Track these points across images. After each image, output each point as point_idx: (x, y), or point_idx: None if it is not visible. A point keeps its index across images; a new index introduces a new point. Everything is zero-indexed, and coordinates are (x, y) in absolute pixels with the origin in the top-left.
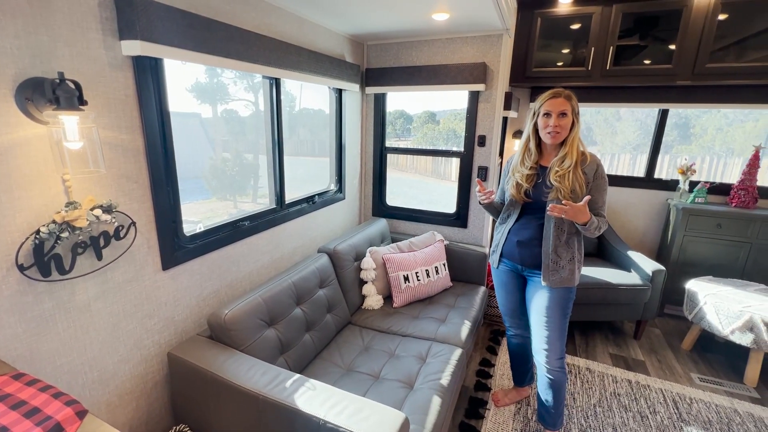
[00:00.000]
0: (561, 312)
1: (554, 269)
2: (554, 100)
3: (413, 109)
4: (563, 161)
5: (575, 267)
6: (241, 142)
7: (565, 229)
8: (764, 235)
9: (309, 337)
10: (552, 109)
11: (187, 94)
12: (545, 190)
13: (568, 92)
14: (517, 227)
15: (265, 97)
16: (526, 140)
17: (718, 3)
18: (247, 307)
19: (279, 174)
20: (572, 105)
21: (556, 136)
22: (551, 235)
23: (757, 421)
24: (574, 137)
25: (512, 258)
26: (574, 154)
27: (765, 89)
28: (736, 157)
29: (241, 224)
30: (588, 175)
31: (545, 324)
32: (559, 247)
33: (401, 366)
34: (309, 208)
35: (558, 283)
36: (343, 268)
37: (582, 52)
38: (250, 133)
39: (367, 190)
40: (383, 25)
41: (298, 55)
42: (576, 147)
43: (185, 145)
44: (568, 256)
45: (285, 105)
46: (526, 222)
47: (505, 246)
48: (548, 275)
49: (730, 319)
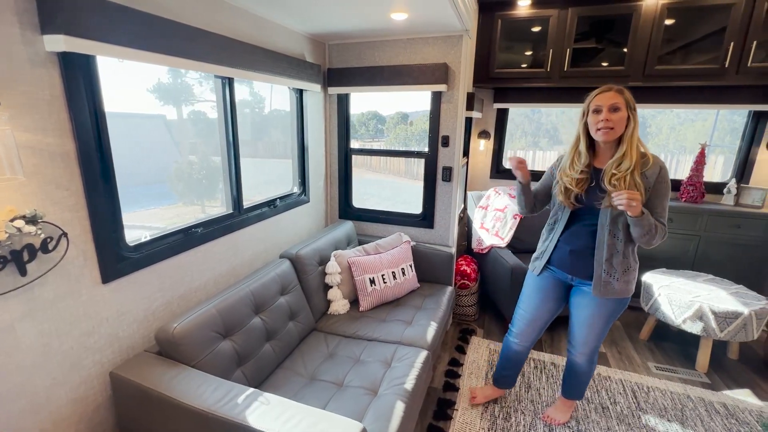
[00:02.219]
0: (606, 322)
1: (606, 281)
2: (604, 94)
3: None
4: (621, 163)
5: (630, 278)
6: (208, 144)
7: (621, 237)
8: (711, 228)
9: (269, 347)
10: (602, 103)
11: (149, 95)
12: (599, 195)
13: (619, 86)
14: (567, 235)
15: (218, 97)
16: (575, 142)
17: (664, 8)
18: (199, 320)
19: (235, 177)
20: (625, 98)
21: (609, 132)
22: (605, 245)
23: (707, 405)
24: (632, 135)
25: (563, 267)
26: (634, 155)
27: (709, 90)
28: (688, 155)
29: (194, 231)
30: (649, 180)
31: (587, 330)
32: (614, 256)
33: (366, 372)
34: (270, 212)
35: (609, 294)
36: (307, 273)
37: (542, 55)
38: (218, 136)
39: (333, 193)
40: (344, 25)
41: (253, 54)
42: (635, 147)
43: (148, 148)
44: (623, 267)
45: (254, 106)
46: (577, 230)
47: (555, 254)
48: (599, 286)
49: (681, 309)
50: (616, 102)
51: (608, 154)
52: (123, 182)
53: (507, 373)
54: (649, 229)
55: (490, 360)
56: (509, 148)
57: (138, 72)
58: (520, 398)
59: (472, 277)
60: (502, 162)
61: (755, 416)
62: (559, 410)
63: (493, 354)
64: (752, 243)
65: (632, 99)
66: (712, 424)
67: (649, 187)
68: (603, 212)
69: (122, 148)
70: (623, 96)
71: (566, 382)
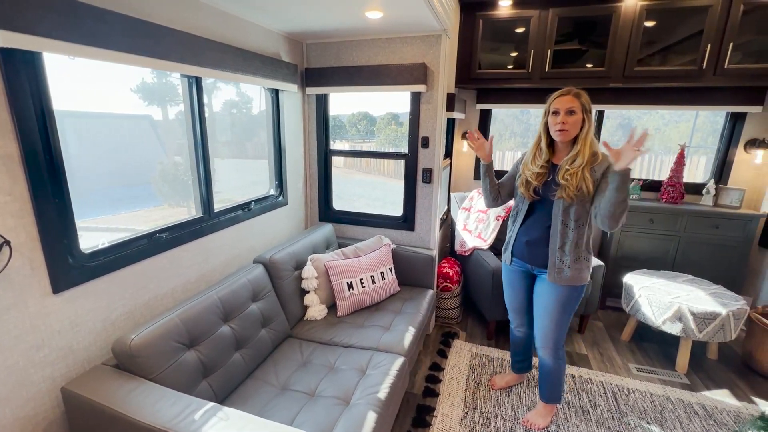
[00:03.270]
0: (562, 308)
1: (560, 267)
2: (563, 97)
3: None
4: (574, 160)
5: (582, 266)
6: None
7: (572, 226)
8: (691, 228)
9: (239, 357)
10: (560, 106)
11: (132, 95)
12: (554, 188)
13: (577, 90)
14: (525, 227)
15: (184, 96)
16: (537, 139)
17: (643, 10)
18: (160, 330)
19: (204, 180)
20: (581, 102)
21: (565, 133)
22: (558, 234)
23: (686, 406)
24: (586, 135)
25: (522, 258)
26: (586, 154)
27: (688, 91)
28: (672, 155)
29: (159, 236)
30: (597, 173)
31: (546, 317)
32: (566, 244)
33: (339, 380)
34: (244, 215)
35: (564, 281)
36: (281, 278)
37: (524, 56)
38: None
39: (312, 195)
40: (320, 24)
41: (222, 52)
42: (588, 146)
43: (132, 149)
44: (574, 255)
45: (242, 106)
46: (534, 221)
47: (515, 246)
48: (554, 273)
49: (661, 310)
50: (573, 106)
51: (565, 151)
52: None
53: (520, 358)
54: (626, 197)
55: (471, 364)
56: (497, 149)
57: (120, 71)
58: (501, 403)
59: (455, 279)
60: None
61: (732, 417)
62: (540, 415)
63: (476, 357)
64: (730, 243)
65: (588, 102)
66: (691, 426)
67: (597, 179)
68: (556, 203)
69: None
70: (580, 100)
71: (540, 384)
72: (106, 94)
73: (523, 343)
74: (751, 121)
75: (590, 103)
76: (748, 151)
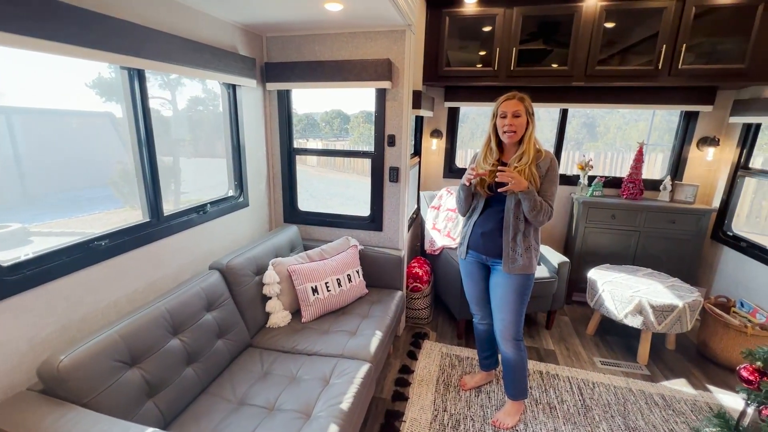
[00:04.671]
0: (518, 297)
1: (513, 257)
2: (508, 102)
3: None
4: (521, 158)
5: (532, 255)
6: (161, 143)
7: (522, 218)
8: (649, 224)
9: (191, 372)
10: (506, 110)
11: (89, 90)
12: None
13: (521, 95)
14: (481, 220)
15: (125, 90)
16: (487, 140)
17: (603, 11)
18: (96, 348)
19: (151, 181)
20: (525, 106)
21: (512, 135)
22: (511, 226)
23: (647, 398)
24: (530, 136)
25: (477, 249)
26: (531, 152)
27: (645, 91)
28: (632, 153)
29: (97, 244)
30: (542, 168)
31: (504, 308)
32: (517, 235)
33: (301, 392)
34: (200, 218)
35: (516, 270)
36: (240, 284)
37: (491, 54)
38: (171, 134)
39: (276, 196)
40: (278, 15)
41: (168, 43)
42: (532, 145)
43: (89, 148)
44: (525, 245)
45: (209, 104)
46: (489, 215)
47: (471, 238)
48: (508, 263)
49: (623, 304)
50: (518, 109)
51: (512, 150)
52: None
53: (487, 354)
54: (535, 205)
55: (441, 365)
56: (469, 147)
57: (74, 66)
58: (470, 403)
59: (425, 279)
60: (455, 161)
61: (689, 406)
62: (508, 413)
63: (446, 358)
64: (685, 237)
65: (531, 106)
66: (652, 416)
67: (542, 175)
68: (509, 198)
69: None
70: (524, 104)
71: (505, 380)
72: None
73: (487, 337)
74: (703, 120)
75: (533, 107)
76: (701, 149)
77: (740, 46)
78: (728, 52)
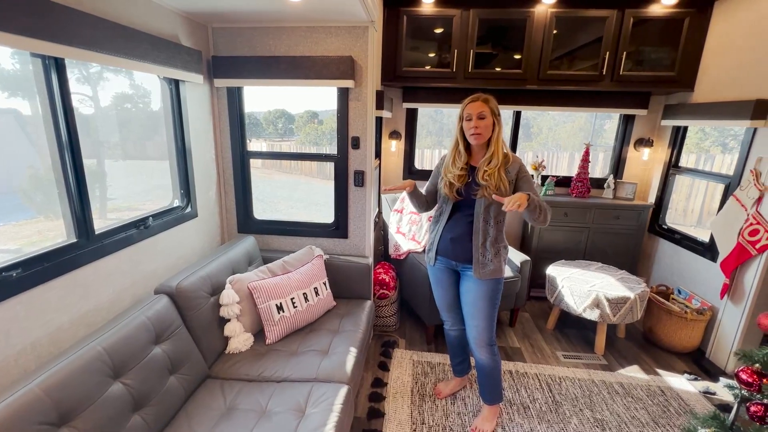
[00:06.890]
0: (490, 302)
1: (483, 262)
2: (474, 103)
3: (294, 108)
4: (490, 161)
5: (501, 259)
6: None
7: (492, 223)
8: (598, 220)
9: (139, 419)
10: (471, 111)
11: None
12: (475, 188)
13: (486, 96)
14: (449, 225)
15: (38, 83)
16: (455, 143)
17: (553, 17)
18: (10, 411)
19: (77, 192)
20: (490, 107)
21: (479, 137)
22: (480, 230)
23: (608, 387)
24: (497, 138)
25: (447, 255)
26: (500, 155)
27: (590, 95)
28: (563, 152)
29: (6, 275)
30: (511, 174)
31: (476, 314)
32: (487, 240)
33: (274, 428)
34: (140, 234)
35: (487, 275)
36: (193, 308)
37: (448, 55)
38: (93, 134)
39: (228, 203)
40: (226, 3)
41: (93, 27)
42: (500, 147)
43: None
44: (494, 250)
45: (137, 101)
46: (457, 220)
47: (440, 244)
48: (479, 269)
49: (581, 299)
50: (483, 110)
51: (480, 153)
52: None
53: (459, 360)
54: (538, 208)
55: (414, 374)
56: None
57: None
58: (448, 412)
59: (391, 285)
60: (414, 163)
61: (645, 391)
62: (486, 419)
63: (417, 366)
64: (627, 231)
65: (497, 107)
66: (615, 405)
67: (512, 180)
68: (478, 203)
69: None
70: (489, 105)
71: (480, 386)
72: None
73: (459, 343)
74: (639, 123)
75: (498, 108)
76: (637, 149)
77: (670, 55)
78: (661, 60)
